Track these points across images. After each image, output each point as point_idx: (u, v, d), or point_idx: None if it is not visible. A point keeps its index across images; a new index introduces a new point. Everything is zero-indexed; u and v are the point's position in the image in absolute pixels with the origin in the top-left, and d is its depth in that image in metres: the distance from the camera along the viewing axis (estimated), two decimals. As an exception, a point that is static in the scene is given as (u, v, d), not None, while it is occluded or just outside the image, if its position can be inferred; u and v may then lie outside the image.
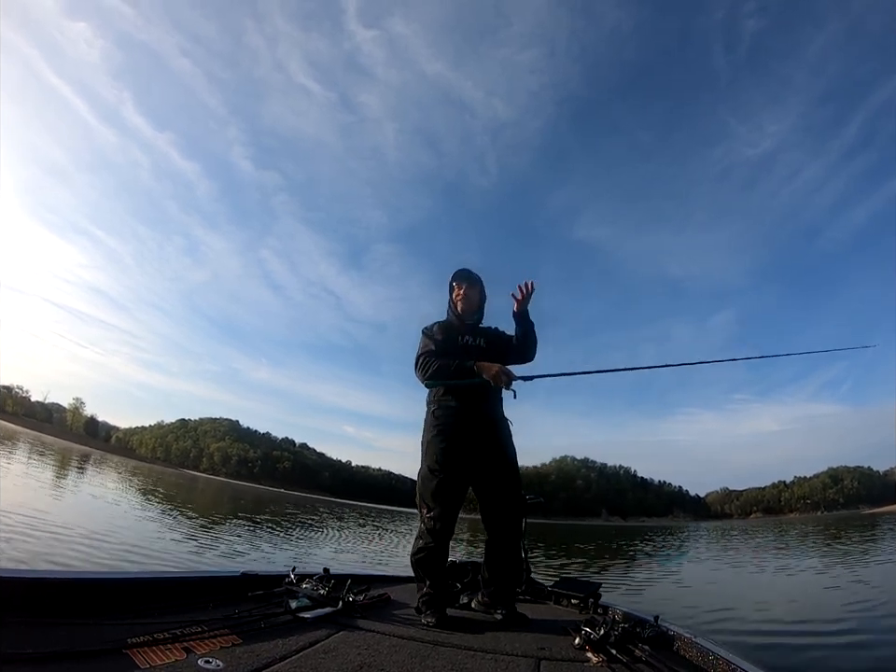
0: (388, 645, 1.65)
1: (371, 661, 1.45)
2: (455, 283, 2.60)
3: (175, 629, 1.40)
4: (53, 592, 1.44)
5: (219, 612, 1.67)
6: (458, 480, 2.29)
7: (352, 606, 2.00)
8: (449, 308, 2.64)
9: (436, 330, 2.51)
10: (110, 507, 11.46)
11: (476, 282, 2.61)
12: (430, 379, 2.34)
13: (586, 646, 1.75)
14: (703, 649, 1.73)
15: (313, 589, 2.09)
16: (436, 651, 1.66)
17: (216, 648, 1.36)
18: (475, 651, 1.71)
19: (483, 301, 2.66)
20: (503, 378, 2.26)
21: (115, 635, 1.30)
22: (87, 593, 1.53)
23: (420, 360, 2.38)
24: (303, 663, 1.36)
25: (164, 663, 1.20)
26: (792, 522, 65.48)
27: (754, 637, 4.35)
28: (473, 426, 2.34)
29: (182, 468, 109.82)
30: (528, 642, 1.87)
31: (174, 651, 1.27)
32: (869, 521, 42.17)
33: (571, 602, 2.78)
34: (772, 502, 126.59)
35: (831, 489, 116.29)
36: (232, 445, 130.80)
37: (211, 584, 1.98)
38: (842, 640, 4.20)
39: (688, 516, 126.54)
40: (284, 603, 1.87)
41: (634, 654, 1.69)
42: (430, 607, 2.12)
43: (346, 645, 1.58)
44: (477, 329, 2.59)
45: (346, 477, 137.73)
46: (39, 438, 53.97)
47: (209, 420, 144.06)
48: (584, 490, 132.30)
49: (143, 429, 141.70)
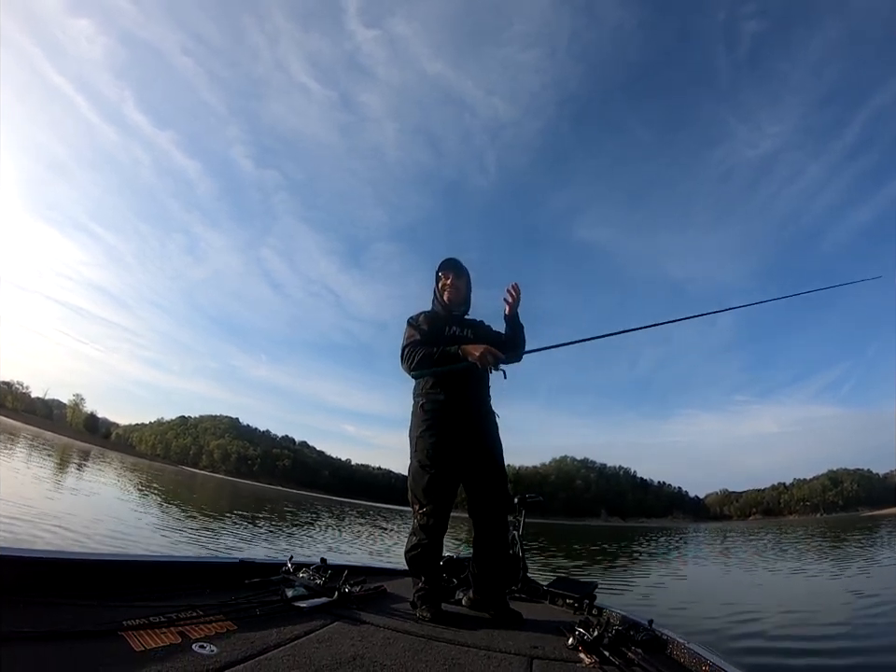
0: (382, 637, 1.66)
1: (364, 652, 1.45)
2: (442, 272, 2.53)
3: (171, 613, 1.40)
4: (51, 572, 1.45)
5: (216, 598, 1.68)
6: (450, 475, 2.27)
7: (348, 597, 2.01)
8: (435, 298, 2.58)
9: (422, 320, 2.46)
10: (107, 502, 11.49)
11: (463, 272, 2.55)
12: (416, 369, 2.30)
13: (579, 647, 1.76)
14: (695, 654, 1.73)
15: (309, 579, 2.10)
16: (429, 645, 1.67)
17: (211, 633, 1.37)
18: (469, 647, 1.71)
19: (470, 292, 2.61)
20: (489, 358, 2.22)
21: (111, 617, 1.31)
22: (85, 574, 1.54)
23: (405, 351, 2.33)
24: (297, 651, 1.37)
25: (159, 646, 1.21)
26: (792, 524, 65.49)
27: (750, 643, 4.32)
28: (462, 420, 2.31)
29: (182, 465, 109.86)
30: (522, 640, 1.87)
31: (169, 635, 1.28)
32: (868, 523, 42.13)
33: (566, 602, 2.79)
34: (771, 504, 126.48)
35: (830, 491, 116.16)
36: (232, 443, 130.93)
37: (208, 570, 1.99)
38: (836, 645, 4.17)
39: (687, 517, 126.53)
40: (280, 591, 1.88)
41: (627, 657, 1.69)
42: (426, 601, 2.12)
43: (340, 635, 1.59)
44: (464, 320, 2.55)
45: (346, 475, 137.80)
46: (39, 434, 53.95)
47: (209, 417, 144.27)
48: (584, 490, 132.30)
49: (143, 426, 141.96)
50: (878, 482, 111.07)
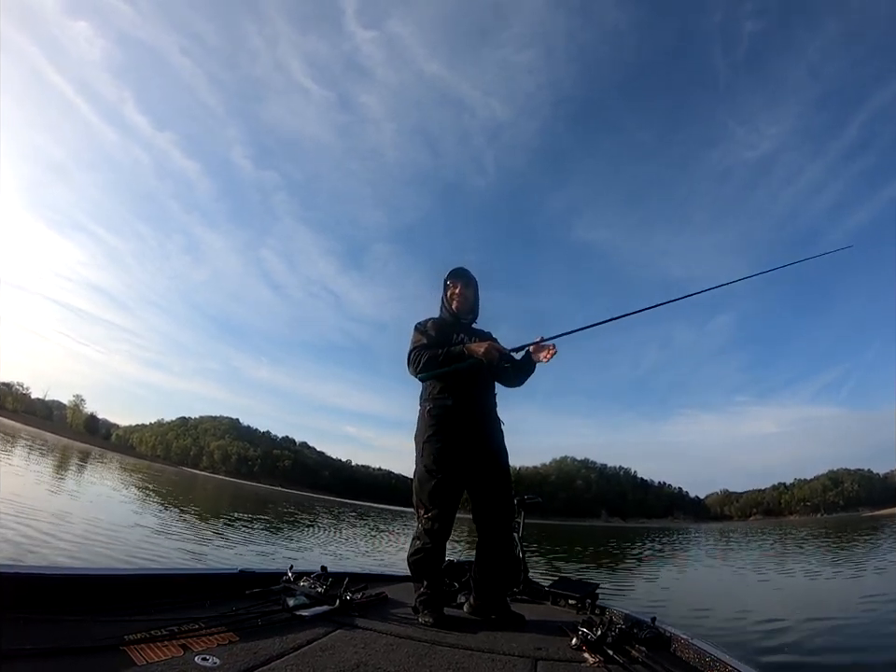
0: (385, 644, 1.65)
1: (367, 659, 1.45)
2: (451, 281, 2.60)
3: (173, 626, 1.40)
4: (51, 588, 1.45)
5: (217, 610, 1.67)
6: (455, 481, 2.29)
7: (349, 604, 2.00)
8: (443, 306, 2.63)
9: (430, 326, 2.51)
10: (107, 503, 11.48)
11: (472, 281, 2.62)
12: (422, 371, 2.35)
13: (583, 646, 1.76)
14: (700, 650, 1.73)
15: (310, 587, 2.10)
16: (433, 650, 1.66)
17: (213, 645, 1.36)
18: (472, 650, 1.71)
19: (478, 302, 2.66)
20: (494, 353, 2.27)
21: (112, 631, 1.31)
22: (85, 589, 1.53)
23: (412, 354, 2.40)
24: (300, 661, 1.36)
25: (161, 660, 1.20)
26: (792, 524, 65.39)
27: (752, 639, 4.33)
28: (469, 425, 2.34)
29: (182, 466, 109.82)
30: (525, 642, 1.87)
31: (171, 648, 1.27)
32: (872, 524, 42.06)
33: (569, 602, 2.79)
34: (772, 504, 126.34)
35: (831, 491, 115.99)
36: (232, 444, 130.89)
37: (209, 581, 1.99)
38: (841, 643, 4.19)
39: (688, 518, 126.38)
40: (281, 601, 1.87)
41: (631, 655, 1.69)
42: (428, 606, 2.13)
43: (343, 643, 1.58)
44: (471, 329, 2.60)
45: (346, 476, 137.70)
46: (39, 435, 53.96)
47: (209, 418, 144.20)
48: (584, 491, 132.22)
49: (143, 427, 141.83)
50: (879, 482, 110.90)
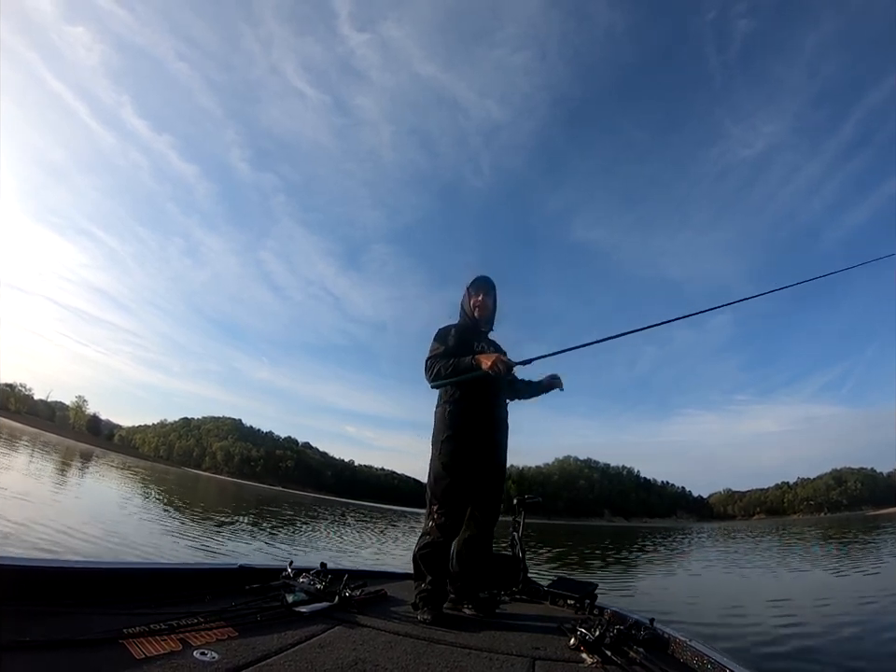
0: (384, 641, 1.65)
1: (366, 656, 1.45)
2: (474, 289, 2.65)
3: (172, 620, 1.40)
4: (51, 581, 1.45)
5: (216, 605, 1.67)
6: (469, 480, 2.37)
7: (348, 601, 2.01)
8: (463, 311, 2.69)
9: (452, 333, 2.55)
10: (110, 504, 11.51)
11: (492, 291, 2.69)
12: (434, 380, 2.43)
13: (581, 647, 1.76)
14: (697, 652, 1.73)
15: (310, 583, 2.09)
16: (431, 648, 1.66)
17: (212, 640, 1.37)
18: (471, 649, 1.71)
19: (496, 310, 2.72)
20: (500, 367, 2.31)
21: (111, 625, 1.31)
22: (85, 582, 1.54)
23: (428, 363, 2.47)
24: (299, 657, 1.37)
25: (160, 654, 1.21)
26: (796, 523, 65.09)
27: (751, 641, 4.30)
28: (485, 427, 2.43)
29: (185, 466, 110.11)
30: (524, 641, 1.87)
31: (170, 642, 1.28)
32: (877, 522, 41.86)
33: (567, 602, 2.79)
34: (775, 503, 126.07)
35: (834, 490, 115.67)
36: (235, 444, 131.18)
37: (208, 576, 1.99)
38: (841, 645, 4.15)
39: (691, 517, 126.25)
40: (280, 597, 1.88)
41: (628, 656, 1.69)
42: (427, 603, 2.14)
43: (342, 640, 1.59)
44: (489, 338, 2.67)
45: (349, 476, 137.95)
46: (42, 436, 54.15)
47: (212, 419, 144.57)
48: (587, 490, 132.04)
49: (146, 428, 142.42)
50: (882, 480, 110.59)
